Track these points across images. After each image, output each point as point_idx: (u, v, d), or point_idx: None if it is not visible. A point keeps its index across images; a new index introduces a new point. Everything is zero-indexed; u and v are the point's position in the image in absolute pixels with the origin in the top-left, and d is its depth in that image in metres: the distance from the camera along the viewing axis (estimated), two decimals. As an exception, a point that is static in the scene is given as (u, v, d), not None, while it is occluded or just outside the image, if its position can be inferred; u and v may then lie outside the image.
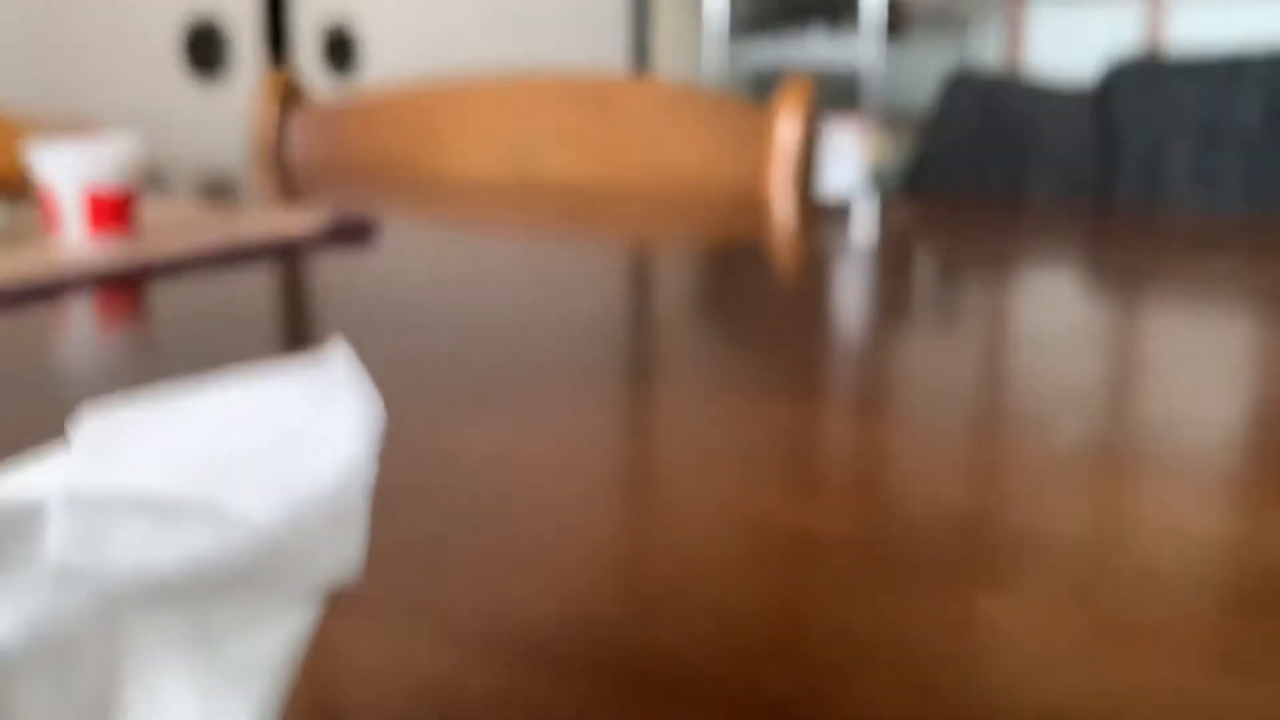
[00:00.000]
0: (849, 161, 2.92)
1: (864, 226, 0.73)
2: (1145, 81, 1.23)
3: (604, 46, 2.72)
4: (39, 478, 0.12)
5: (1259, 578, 0.23)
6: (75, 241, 0.59)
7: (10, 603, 0.10)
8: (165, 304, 0.50)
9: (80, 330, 0.45)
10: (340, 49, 2.01)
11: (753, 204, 0.84)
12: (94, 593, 0.11)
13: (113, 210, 0.59)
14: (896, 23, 3.59)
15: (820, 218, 0.77)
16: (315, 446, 0.12)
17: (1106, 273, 0.57)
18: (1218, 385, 0.37)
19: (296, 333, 0.45)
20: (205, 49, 1.77)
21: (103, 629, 0.11)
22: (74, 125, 0.90)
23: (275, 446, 0.12)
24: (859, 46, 2.86)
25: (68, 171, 0.58)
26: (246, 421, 0.12)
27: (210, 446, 0.12)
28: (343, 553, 0.12)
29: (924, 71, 3.56)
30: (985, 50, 3.58)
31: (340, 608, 0.22)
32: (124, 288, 0.52)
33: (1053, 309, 0.49)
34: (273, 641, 0.12)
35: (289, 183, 0.98)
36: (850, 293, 0.53)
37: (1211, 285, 0.53)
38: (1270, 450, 0.31)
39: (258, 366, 0.39)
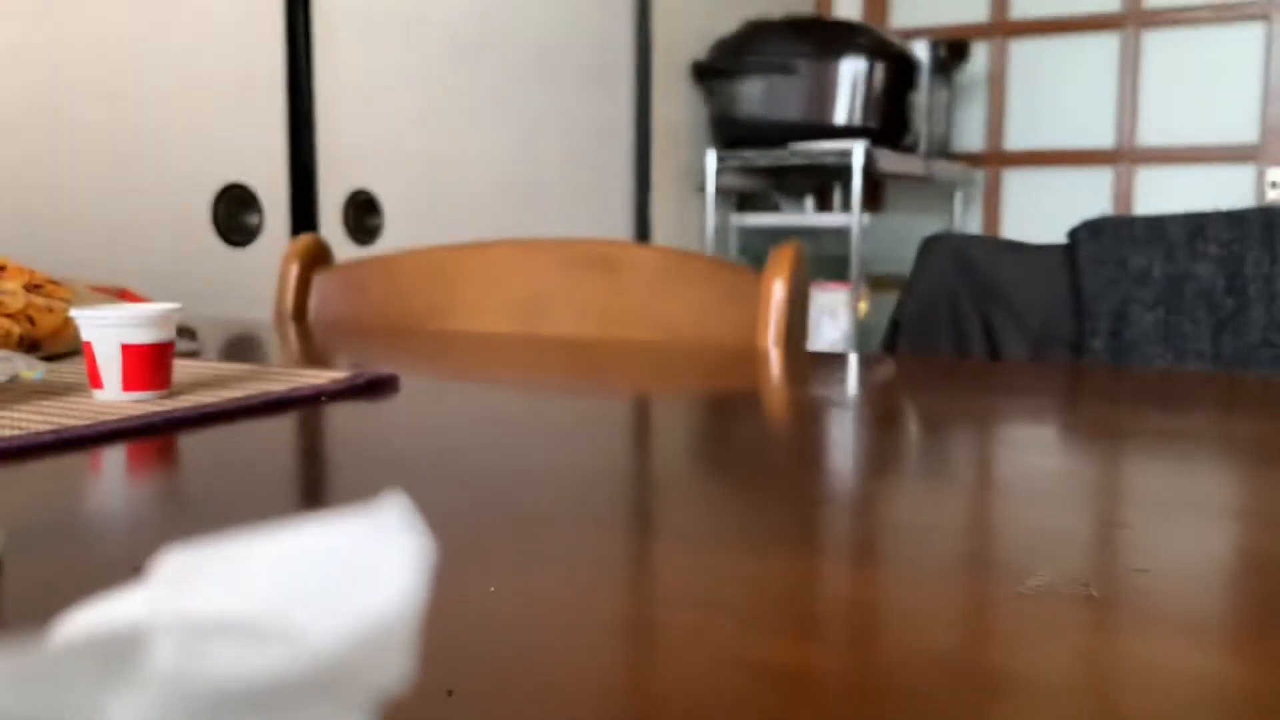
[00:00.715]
0: (838, 319, 2.97)
1: (850, 381, 0.75)
2: (1109, 240, 1.27)
3: (609, 217, 2.80)
4: (135, 606, 0.13)
5: (1229, 717, 0.24)
6: (113, 395, 0.61)
7: (130, 706, 0.12)
8: (195, 453, 0.51)
9: (114, 479, 0.46)
10: (362, 218, 2.07)
11: (747, 360, 0.86)
12: (193, 701, 0.12)
13: (148, 367, 0.61)
14: (881, 193, 3.71)
15: (810, 372, 0.79)
16: (373, 577, 0.13)
17: (1081, 427, 0.58)
18: (1192, 533, 0.38)
19: (317, 481, 0.46)
20: (236, 215, 1.83)
21: None
22: (114, 290, 0.93)
23: (339, 577, 0.13)
24: (848, 215, 2.94)
25: (108, 331, 0.60)
26: (314, 555, 0.14)
27: (283, 576, 0.13)
28: (394, 669, 0.13)
29: (911, 237, 3.64)
30: (970, 217, 3.68)
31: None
32: (157, 438, 0.54)
33: (1030, 460, 0.50)
34: None
35: (314, 340, 1.00)
36: (838, 444, 0.54)
37: (1181, 439, 0.54)
38: (1238, 593, 0.31)
39: (304, 514, 0.40)
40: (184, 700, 0.12)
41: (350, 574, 0.13)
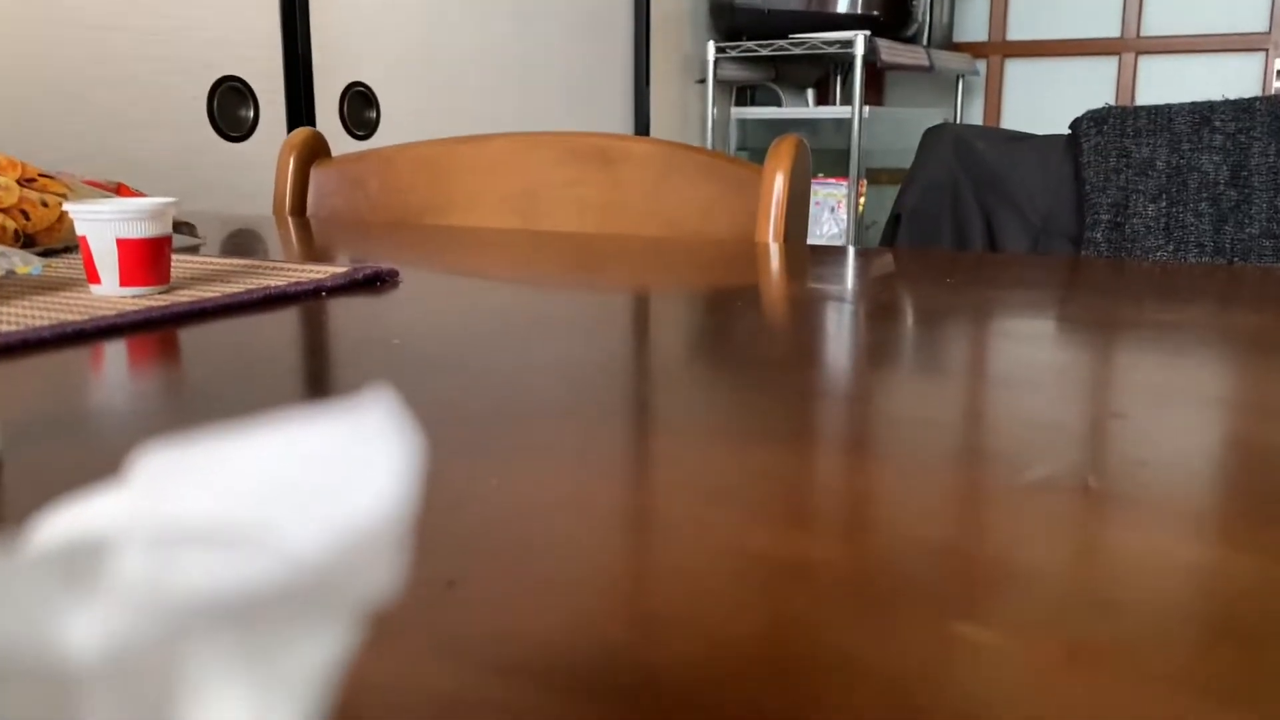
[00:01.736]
0: (838, 213, 2.94)
1: (849, 275, 0.74)
2: (1111, 131, 1.24)
3: (607, 109, 2.75)
4: (107, 509, 0.12)
5: (1225, 606, 0.23)
6: (110, 290, 0.60)
7: (91, 618, 0.11)
8: (192, 349, 0.50)
9: (112, 374, 0.46)
10: (359, 112, 2.03)
11: (746, 254, 0.85)
12: (161, 613, 0.11)
13: (145, 262, 0.60)
14: (882, 85, 3.64)
15: (809, 267, 0.78)
16: (357, 480, 0.12)
17: (1080, 319, 0.58)
18: (1188, 424, 0.37)
19: (317, 375, 0.46)
20: (232, 108, 1.79)
21: (167, 648, 0.12)
22: (110, 185, 0.91)
23: (319, 480, 0.12)
24: (849, 107, 2.89)
25: (104, 226, 0.59)
26: (293, 457, 0.13)
27: (260, 480, 0.12)
28: (380, 577, 0.12)
29: (913, 130, 3.59)
30: (972, 109, 3.61)
31: (362, 631, 0.22)
32: (154, 334, 0.53)
33: (1029, 353, 0.49)
34: (317, 656, 0.12)
35: (312, 234, 0.99)
36: (837, 338, 0.53)
37: (1181, 331, 0.54)
38: (1235, 484, 0.31)
39: (297, 410, 0.40)
40: (151, 612, 0.11)
41: (333, 475, 0.12)
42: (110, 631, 0.11)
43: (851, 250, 0.87)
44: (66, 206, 0.60)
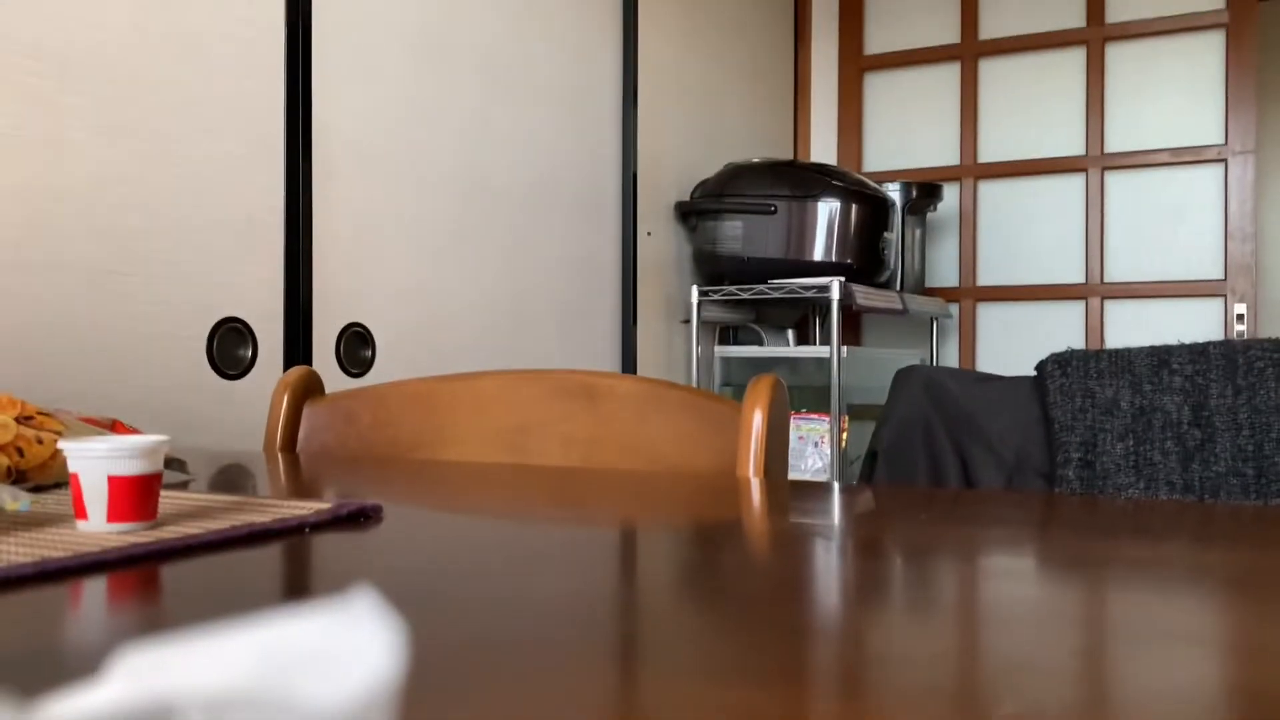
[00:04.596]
0: (821, 448, 2.97)
1: (827, 511, 0.75)
2: (1075, 373, 1.28)
3: (596, 347, 2.83)
4: (162, 681, 0.16)
5: None
6: (97, 527, 0.60)
7: None
8: (178, 584, 0.50)
9: (93, 610, 0.46)
10: (355, 351, 2.09)
11: (728, 489, 0.86)
12: None
13: (134, 498, 0.61)
14: (860, 324, 3.76)
15: (789, 502, 0.79)
16: (352, 657, 0.16)
17: (1055, 557, 0.58)
18: (1163, 663, 0.37)
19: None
20: (231, 347, 1.84)
21: None
22: (106, 422, 0.93)
23: (320, 657, 0.16)
24: (828, 347, 2.98)
25: (94, 462, 0.60)
26: (293, 641, 0.16)
27: (266, 660, 0.16)
28: None
29: (890, 367, 3.68)
30: (947, 348, 3.72)
31: None
32: (140, 570, 0.53)
33: (1005, 590, 0.50)
34: None
35: (301, 470, 1.00)
36: (815, 575, 0.53)
37: (1154, 569, 0.54)
38: (1202, 724, 0.31)
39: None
40: None
41: (330, 654, 0.16)
42: None
43: (829, 486, 0.88)
44: (60, 444, 0.61)
